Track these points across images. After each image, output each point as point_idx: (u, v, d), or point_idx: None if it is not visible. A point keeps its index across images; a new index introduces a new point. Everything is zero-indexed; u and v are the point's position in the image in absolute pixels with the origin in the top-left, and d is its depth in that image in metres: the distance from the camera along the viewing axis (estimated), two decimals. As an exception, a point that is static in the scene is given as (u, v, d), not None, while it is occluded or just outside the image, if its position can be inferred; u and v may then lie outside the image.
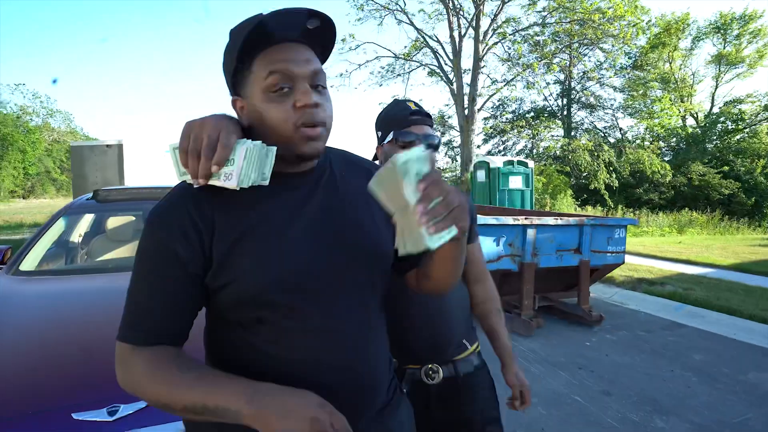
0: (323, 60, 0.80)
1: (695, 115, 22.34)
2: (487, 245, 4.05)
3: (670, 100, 20.56)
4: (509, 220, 4.13)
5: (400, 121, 1.19)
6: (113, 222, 3.16)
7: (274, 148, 0.71)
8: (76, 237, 3.15)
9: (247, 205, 0.74)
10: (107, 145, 7.11)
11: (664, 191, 18.11)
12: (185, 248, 0.69)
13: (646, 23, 19.10)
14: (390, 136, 1.18)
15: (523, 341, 4.01)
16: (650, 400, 2.88)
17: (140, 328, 0.70)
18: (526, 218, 4.24)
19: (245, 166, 0.67)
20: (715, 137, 20.46)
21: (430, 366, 1.24)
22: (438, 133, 1.20)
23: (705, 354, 3.73)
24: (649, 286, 5.98)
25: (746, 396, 2.95)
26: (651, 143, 18.63)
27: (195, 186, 0.71)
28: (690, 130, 20.46)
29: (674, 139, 21.09)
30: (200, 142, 0.68)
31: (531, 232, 4.20)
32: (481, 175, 10.26)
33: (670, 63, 21.44)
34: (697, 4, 36.76)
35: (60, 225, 2.79)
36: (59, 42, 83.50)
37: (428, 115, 1.22)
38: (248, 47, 0.71)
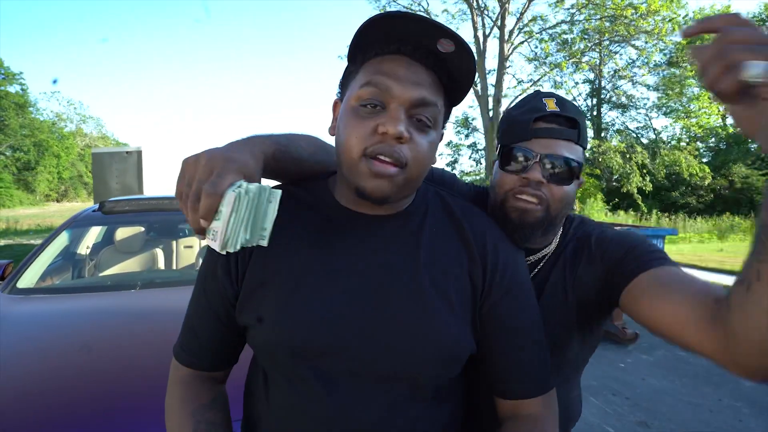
0: (452, 99, 0.63)
1: (736, 114, 21.14)
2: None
3: (709, 98, 19.53)
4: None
5: (519, 130, 0.75)
6: (122, 233, 3.08)
7: (279, 193, 0.53)
8: (84, 249, 3.08)
9: (292, 242, 0.62)
10: (126, 152, 7.20)
11: (702, 195, 17.19)
12: (224, 272, 0.63)
13: (683, 17, 18.23)
14: (500, 152, 0.78)
15: (551, 361, 3.73)
16: (696, 437, 2.57)
17: (183, 345, 0.70)
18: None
19: (232, 222, 0.49)
20: (758, 137, 19.30)
21: None
22: (581, 152, 0.76)
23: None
24: (689, 299, 5.55)
25: (810, 435, 2.60)
26: (688, 144, 17.73)
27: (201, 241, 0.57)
28: (731, 129, 19.37)
29: (713, 140, 20.04)
30: (192, 188, 0.52)
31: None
32: (505, 178, 9.92)
33: (709, 59, 20.39)
34: (737, -4, 34.92)
35: (63, 238, 2.71)
36: (89, 48, 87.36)
37: (572, 121, 0.74)
38: (363, 46, 0.59)
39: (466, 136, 21.62)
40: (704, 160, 19.25)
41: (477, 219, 0.69)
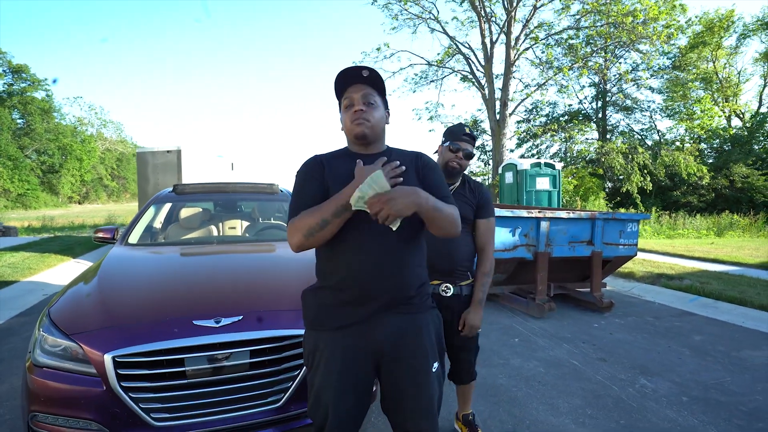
0: (381, 89, 1.42)
1: (741, 115, 21.53)
2: (504, 236, 4.52)
3: (712, 101, 19.95)
4: (523, 212, 4.58)
5: (454, 136, 2.05)
6: (185, 212, 3.88)
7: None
8: (158, 224, 3.88)
9: (339, 165, 1.41)
10: (167, 151, 8.07)
11: (703, 194, 17.61)
12: (316, 174, 1.41)
13: (686, 22, 18.71)
14: (447, 142, 2.05)
15: (535, 322, 4.44)
16: (640, 366, 3.27)
17: (293, 212, 1.37)
18: (539, 211, 4.67)
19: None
20: (762, 137, 19.67)
21: (445, 284, 1.98)
22: (474, 150, 2.13)
23: (706, 336, 4.02)
24: (668, 280, 6.19)
25: (731, 367, 3.28)
26: (691, 145, 18.19)
27: None
28: (731, 131, 19.78)
29: (717, 141, 20.44)
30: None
31: (545, 225, 4.62)
32: (508, 176, 10.60)
33: (714, 62, 20.82)
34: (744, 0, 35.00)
35: (151, 211, 3.53)
36: (117, 53, 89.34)
37: (474, 138, 2.07)
38: (339, 90, 1.43)
39: (475, 138, 22.23)
40: (709, 160, 19.65)
41: (420, 153, 1.52)
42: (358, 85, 1.38)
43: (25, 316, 4.58)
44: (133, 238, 3.11)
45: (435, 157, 2.00)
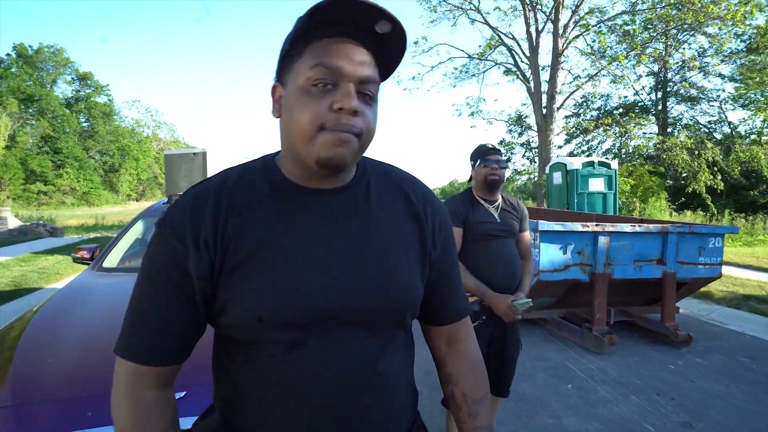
0: (383, 74, 0.68)
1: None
2: (553, 253, 3.77)
3: (796, 88, 17.58)
4: (577, 226, 3.80)
5: (483, 155, 2.03)
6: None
7: None
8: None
9: (263, 221, 0.65)
10: (194, 153, 7.86)
11: (787, 194, 15.52)
12: (196, 260, 0.62)
13: (764, -1, 16.59)
14: (478, 162, 2.04)
15: (593, 359, 3.66)
16: (744, 440, 2.46)
17: (145, 345, 0.65)
18: (597, 224, 3.88)
19: None
20: None
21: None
22: (506, 159, 1.93)
23: (826, 390, 3.10)
24: (758, 304, 5.14)
25: None
26: (770, 138, 16.13)
27: None
28: (823, 121, 17.36)
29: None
30: None
31: (603, 240, 3.83)
32: (557, 177, 9.61)
33: (798, 43, 18.38)
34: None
35: (138, 227, 3.10)
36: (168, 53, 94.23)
37: (500, 151, 2.05)
38: (304, 32, 0.62)
39: (519, 134, 21.05)
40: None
41: (412, 181, 0.78)
42: (356, 48, 0.62)
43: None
44: (111, 261, 2.68)
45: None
